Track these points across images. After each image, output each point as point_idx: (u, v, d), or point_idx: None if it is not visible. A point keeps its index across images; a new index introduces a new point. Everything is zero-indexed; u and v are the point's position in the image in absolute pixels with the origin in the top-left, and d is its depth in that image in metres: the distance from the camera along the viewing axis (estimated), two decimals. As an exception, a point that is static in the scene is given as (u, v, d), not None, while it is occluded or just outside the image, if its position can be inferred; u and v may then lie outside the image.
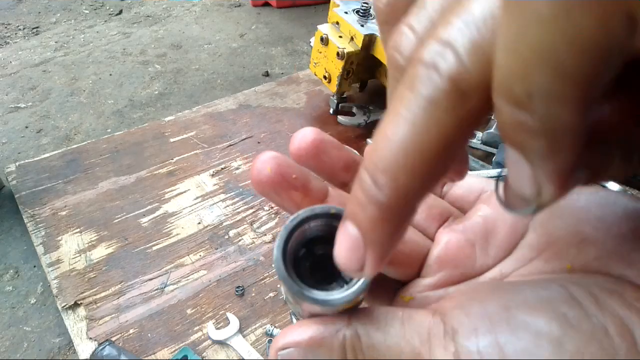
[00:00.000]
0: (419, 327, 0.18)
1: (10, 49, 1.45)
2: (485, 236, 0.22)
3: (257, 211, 0.92)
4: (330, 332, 0.20)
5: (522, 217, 0.15)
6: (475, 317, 0.17)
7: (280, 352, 0.21)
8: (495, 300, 0.18)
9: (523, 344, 0.16)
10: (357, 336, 0.19)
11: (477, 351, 0.16)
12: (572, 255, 0.19)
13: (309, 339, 0.20)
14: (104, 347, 0.66)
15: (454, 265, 0.22)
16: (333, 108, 1.16)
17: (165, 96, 1.27)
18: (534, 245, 0.21)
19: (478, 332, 0.17)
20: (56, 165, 1.00)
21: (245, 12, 1.72)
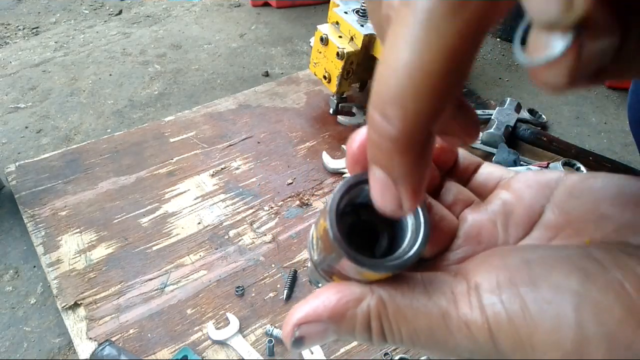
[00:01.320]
0: (443, 287, 0.19)
1: (10, 49, 1.45)
2: (505, 216, 0.23)
3: (257, 211, 0.92)
4: (354, 301, 0.19)
5: (561, 68, 0.13)
6: (497, 271, 0.18)
7: (298, 327, 0.19)
8: (516, 255, 0.18)
9: (543, 295, 0.16)
10: (382, 303, 0.19)
11: (501, 302, 0.17)
12: (591, 230, 0.19)
13: (331, 310, 0.19)
14: (104, 347, 0.66)
15: (478, 240, 0.22)
16: (333, 108, 1.16)
17: (165, 96, 1.27)
18: (552, 225, 0.21)
19: (500, 285, 0.17)
20: (56, 166, 1.00)
21: (245, 12, 1.72)
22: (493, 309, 0.17)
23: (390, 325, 0.19)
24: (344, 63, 1.03)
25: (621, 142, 1.17)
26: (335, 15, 1.06)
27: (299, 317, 0.19)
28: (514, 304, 0.16)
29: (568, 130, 1.21)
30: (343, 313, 0.19)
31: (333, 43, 1.04)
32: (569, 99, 1.33)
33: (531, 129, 1.09)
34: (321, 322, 0.19)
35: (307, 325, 0.19)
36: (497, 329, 0.17)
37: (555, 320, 0.16)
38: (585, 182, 0.21)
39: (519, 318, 0.16)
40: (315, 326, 0.19)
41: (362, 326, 0.19)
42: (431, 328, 0.18)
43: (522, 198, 0.22)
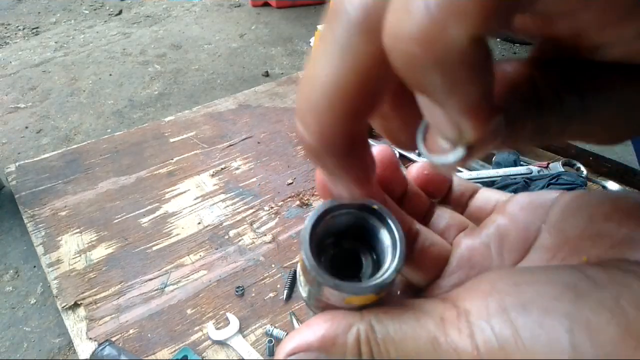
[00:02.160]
0: (432, 313, 0.19)
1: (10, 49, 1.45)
2: (500, 240, 0.22)
3: (257, 211, 0.92)
4: (344, 328, 0.19)
5: (453, 168, 0.15)
6: (486, 296, 0.18)
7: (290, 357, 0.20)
8: (505, 279, 0.18)
9: (535, 319, 0.16)
10: (372, 328, 0.19)
11: (491, 329, 0.16)
12: (587, 248, 0.19)
13: (321, 338, 0.20)
14: (104, 347, 0.66)
15: (471, 265, 0.22)
16: (333, 108, 1.16)
17: (165, 96, 1.27)
18: (549, 246, 0.21)
19: (490, 310, 0.17)
20: (56, 166, 1.00)
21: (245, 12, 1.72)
22: (483, 336, 0.16)
23: (380, 350, 0.19)
24: (344, 63, 1.03)
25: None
26: (335, 15, 1.06)
27: (291, 347, 0.20)
28: (505, 329, 0.16)
29: (568, 130, 1.21)
30: (333, 340, 0.19)
31: (333, 43, 1.04)
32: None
33: (531, 129, 1.09)
34: (312, 352, 0.20)
35: (297, 355, 0.20)
36: (488, 355, 0.16)
37: (549, 344, 0.15)
38: (579, 200, 0.21)
39: (511, 344, 0.16)
40: (306, 355, 0.20)
41: (352, 352, 0.19)
42: (419, 353, 0.18)
43: (517, 221, 0.22)
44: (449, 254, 0.23)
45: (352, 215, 0.20)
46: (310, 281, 0.20)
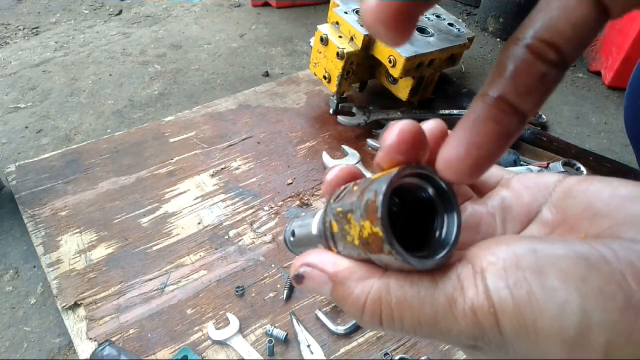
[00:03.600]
0: (450, 274, 0.19)
1: (10, 49, 1.45)
2: (504, 211, 0.24)
3: (257, 211, 0.92)
4: (359, 276, 0.21)
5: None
6: (503, 256, 0.18)
7: (305, 267, 0.22)
8: (522, 243, 0.19)
9: (550, 282, 0.17)
10: (387, 290, 0.20)
11: (507, 287, 0.17)
12: (586, 226, 0.20)
13: (336, 271, 0.21)
14: (104, 347, 0.66)
15: (477, 230, 0.24)
16: (333, 108, 1.16)
17: (165, 96, 1.27)
18: (549, 222, 0.22)
19: (507, 270, 0.18)
20: (56, 166, 1.00)
21: (245, 12, 1.72)
22: (499, 294, 0.17)
23: (392, 315, 0.19)
24: (344, 63, 1.03)
25: (621, 142, 1.17)
26: (335, 15, 1.06)
27: (310, 259, 0.22)
28: (521, 289, 0.17)
29: (568, 130, 1.21)
30: (345, 280, 0.21)
31: (333, 43, 1.04)
32: (569, 99, 1.33)
33: (531, 129, 1.09)
34: (322, 274, 0.21)
35: (312, 270, 0.22)
36: (502, 313, 0.17)
37: (561, 306, 0.16)
38: (582, 184, 0.22)
39: (525, 303, 0.17)
40: (318, 275, 0.22)
41: (354, 301, 0.20)
42: (436, 317, 0.19)
43: (521, 197, 0.24)
44: None
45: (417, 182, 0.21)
46: (371, 249, 0.20)
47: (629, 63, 1.27)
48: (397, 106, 1.15)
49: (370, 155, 1.05)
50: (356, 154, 1.03)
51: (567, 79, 1.43)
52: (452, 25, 1.14)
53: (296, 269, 0.22)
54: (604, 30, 1.39)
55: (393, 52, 0.99)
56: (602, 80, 1.40)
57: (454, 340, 0.19)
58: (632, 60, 1.26)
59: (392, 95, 1.16)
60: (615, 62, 1.31)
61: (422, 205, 0.22)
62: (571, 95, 1.35)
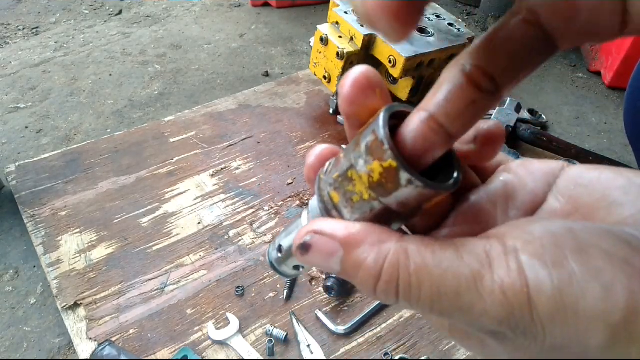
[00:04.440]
0: (476, 250, 0.18)
1: (10, 49, 1.45)
2: (506, 199, 0.22)
3: (257, 211, 0.92)
4: (375, 239, 0.18)
5: None
6: (540, 235, 0.17)
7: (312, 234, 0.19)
8: (557, 223, 0.18)
9: (594, 262, 0.16)
10: (406, 255, 0.18)
11: (546, 268, 0.16)
12: (602, 216, 0.19)
13: (348, 236, 0.19)
14: (104, 347, 0.66)
15: (475, 220, 0.22)
16: (333, 108, 1.16)
17: (165, 96, 1.27)
18: (557, 211, 0.21)
19: (545, 248, 0.16)
20: (56, 166, 1.00)
21: (245, 12, 1.72)
22: (536, 273, 0.16)
23: (410, 281, 0.18)
24: (344, 63, 1.03)
25: (621, 142, 1.17)
26: (335, 15, 1.06)
27: (319, 227, 0.19)
28: (562, 268, 0.16)
29: (568, 130, 1.21)
30: (357, 243, 0.18)
31: (333, 43, 1.04)
32: (569, 99, 1.33)
33: (531, 129, 1.09)
34: (332, 241, 0.19)
35: (320, 237, 0.19)
36: (538, 294, 0.16)
37: (607, 287, 0.15)
38: (592, 172, 0.21)
39: (565, 283, 0.15)
40: (326, 242, 0.19)
41: (370, 267, 0.18)
42: (459, 291, 0.17)
43: (525, 183, 0.22)
44: (450, 206, 0.23)
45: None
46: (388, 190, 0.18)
47: (629, 63, 1.27)
48: (397, 106, 1.15)
49: (370, 155, 1.05)
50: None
51: (567, 78, 1.43)
52: (452, 25, 1.14)
53: (302, 238, 0.20)
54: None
55: (393, 52, 0.99)
56: (602, 80, 1.40)
57: (475, 320, 0.17)
58: (632, 60, 1.26)
59: (392, 95, 1.16)
60: (615, 62, 1.31)
61: None
62: (571, 95, 1.35)
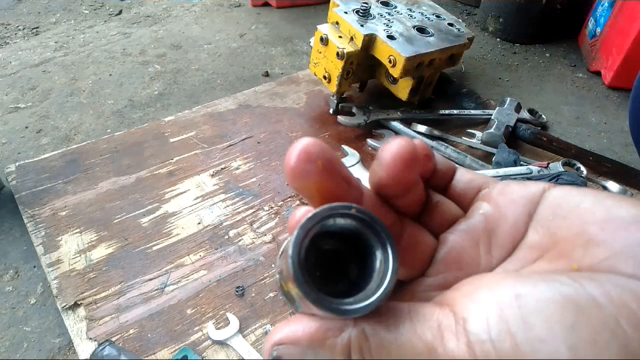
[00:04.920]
0: (429, 321, 0.18)
1: (10, 49, 1.45)
2: (488, 235, 0.22)
3: (257, 211, 0.92)
4: (334, 331, 0.19)
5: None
6: (485, 304, 0.17)
7: (276, 347, 0.20)
8: (505, 288, 0.17)
9: (536, 333, 0.15)
10: (365, 336, 0.18)
11: (490, 340, 0.16)
12: (579, 255, 0.19)
13: (309, 335, 0.19)
14: (104, 347, 0.66)
15: (458, 266, 0.22)
16: (333, 108, 1.16)
17: (165, 96, 1.27)
18: (537, 245, 0.21)
19: (489, 320, 0.16)
20: (56, 166, 1.00)
21: (245, 12, 1.72)
22: (482, 348, 0.16)
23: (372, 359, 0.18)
24: (344, 63, 1.03)
25: (621, 142, 1.17)
26: (335, 15, 1.06)
27: (279, 337, 0.20)
28: (505, 342, 0.16)
29: (568, 130, 1.21)
30: (322, 341, 0.19)
31: (333, 43, 1.04)
32: (569, 99, 1.33)
33: (531, 129, 1.09)
34: (299, 347, 0.19)
35: (285, 347, 0.20)
36: None
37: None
38: (571, 200, 0.20)
39: (510, 357, 0.15)
40: (293, 349, 0.20)
41: (341, 356, 0.19)
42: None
43: (505, 215, 0.22)
44: (433, 249, 0.22)
45: (336, 222, 0.20)
46: (293, 297, 0.19)
47: (629, 63, 1.27)
48: (397, 106, 1.15)
49: (370, 155, 1.05)
50: (356, 154, 1.03)
51: (567, 78, 1.43)
52: (452, 25, 1.14)
53: (268, 353, 0.20)
54: (604, 30, 1.39)
55: (393, 52, 0.99)
56: (602, 80, 1.40)
57: None
58: (632, 60, 1.26)
59: (392, 95, 1.16)
60: (615, 62, 1.31)
61: (354, 246, 0.21)
62: (571, 95, 1.35)
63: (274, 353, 0.20)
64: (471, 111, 1.17)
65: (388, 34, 1.02)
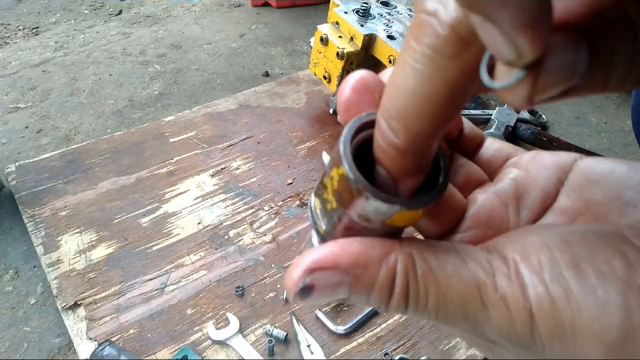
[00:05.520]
0: (480, 258, 0.17)
1: (10, 49, 1.45)
2: (517, 198, 0.22)
3: (257, 211, 0.92)
4: (380, 254, 0.17)
5: (521, 99, 0.14)
6: (537, 249, 0.17)
7: (311, 274, 0.17)
8: (554, 234, 0.17)
9: (588, 279, 0.15)
10: (412, 261, 0.17)
11: (544, 284, 0.16)
12: (614, 218, 0.18)
13: (354, 260, 0.17)
14: (104, 347, 0.66)
15: (487, 224, 0.21)
16: (333, 108, 1.16)
17: (165, 96, 1.27)
18: (569, 210, 0.20)
19: (542, 265, 0.16)
20: (56, 166, 1.00)
21: (245, 12, 1.72)
22: (535, 290, 0.16)
23: (418, 288, 0.17)
24: (344, 63, 1.03)
25: (621, 142, 1.17)
26: (335, 15, 1.06)
27: (314, 260, 0.17)
28: (558, 286, 0.15)
29: (568, 130, 1.21)
30: (366, 264, 0.17)
31: (333, 43, 1.04)
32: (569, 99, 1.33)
33: (531, 129, 1.09)
34: (337, 272, 0.17)
35: (320, 273, 0.17)
36: (539, 310, 0.16)
37: (602, 306, 0.15)
38: (604, 167, 0.20)
39: (563, 302, 0.15)
40: (330, 276, 0.17)
41: (383, 284, 0.17)
42: (464, 298, 0.16)
43: (536, 179, 0.21)
44: (463, 207, 0.22)
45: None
46: (348, 200, 0.17)
47: (629, 63, 1.26)
48: (397, 106, 1.15)
49: (370, 155, 1.05)
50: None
51: (567, 79, 1.42)
52: (452, 25, 1.14)
53: (299, 281, 0.17)
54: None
55: (393, 52, 0.99)
56: (602, 80, 1.39)
57: (478, 330, 0.17)
58: (632, 60, 1.26)
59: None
60: (615, 62, 1.31)
61: None
62: (571, 95, 1.35)
63: (306, 280, 0.17)
64: (471, 111, 1.17)
65: (388, 34, 1.02)
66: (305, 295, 0.17)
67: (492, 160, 0.24)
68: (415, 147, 0.16)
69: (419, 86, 0.15)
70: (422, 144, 0.16)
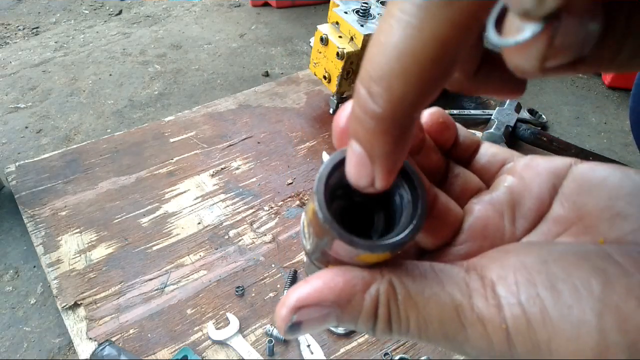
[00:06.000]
0: (457, 280, 0.17)
1: (10, 49, 1.45)
2: (512, 207, 0.21)
3: (257, 211, 0.92)
4: (362, 285, 0.17)
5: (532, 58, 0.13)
6: (514, 269, 0.17)
7: (298, 311, 0.17)
8: (532, 254, 0.17)
9: (564, 299, 0.15)
10: (393, 288, 0.17)
11: (519, 303, 0.16)
12: (605, 229, 0.18)
13: (337, 294, 0.17)
14: (104, 347, 0.66)
15: (483, 236, 0.21)
16: (333, 108, 1.16)
17: (165, 96, 1.27)
18: (562, 219, 0.20)
19: (518, 284, 0.16)
20: (56, 166, 1.00)
21: (245, 12, 1.71)
22: (511, 310, 0.16)
23: (399, 313, 0.17)
24: (344, 63, 1.03)
25: (621, 142, 1.17)
26: (335, 15, 1.06)
27: (299, 298, 0.17)
28: (534, 306, 0.16)
29: (568, 130, 1.21)
30: (349, 297, 0.17)
31: (333, 43, 1.04)
32: (569, 99, 1.33)
33: (531, 129, 1.09)
34: (323, 307, 0.17)
35: (307, 310, 0.17)
36: (515, 331, 0.16)
37: (577, 326, 0.15)
38: (598, 174, 0.20)
39: (538, 322, 0.15)
40: (317, 311, 0.17)
41: (368, 313, 0.17)
42: (442, 319, 0.17)
43: (531, 187, 0.21)
44: (461, 220, 0.22)
45: None
46: (319, 233, 0.18)
47: (629, 63, 1.26)
48: (397, 106, 1.15)
49: (370, 155, 1.05)
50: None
51: (567, 78, 1.43)
52: (452, 25, 1.14)
53: (287, 320, 0.17)
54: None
55: (393, 52, 0.99)
56: (602, 80, 1.40)
57: (459, 348, 0.17)
58: (632, 60, 1.26)
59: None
60: (615, 62, 1.31)
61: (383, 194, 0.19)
62: (571, 95, 1.35)
63: (294, 318, 0.17)
64: (471, 111, 1.17)
65: (388, 34, 1.02)
66: (295, 330, 0.18)
67: (488, 167, 0.24)
68: (396, 116, 0.14)
69: (405, 40, 0.13)
70: (404, 111, 0.14)
